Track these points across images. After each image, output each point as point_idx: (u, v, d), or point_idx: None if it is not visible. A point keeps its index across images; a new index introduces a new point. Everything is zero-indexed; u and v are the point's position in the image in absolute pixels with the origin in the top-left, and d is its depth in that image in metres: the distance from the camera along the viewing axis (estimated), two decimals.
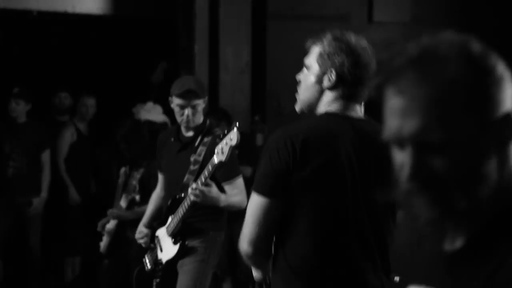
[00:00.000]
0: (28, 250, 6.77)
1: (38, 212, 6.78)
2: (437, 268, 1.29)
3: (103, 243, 5.57)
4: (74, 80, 7.63)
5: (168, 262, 4.25)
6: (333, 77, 2.65)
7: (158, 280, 4.32)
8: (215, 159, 3.80)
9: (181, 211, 4.11)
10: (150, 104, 7.35)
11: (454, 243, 1.26)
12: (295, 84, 2.86)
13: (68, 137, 7.13)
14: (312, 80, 2.69)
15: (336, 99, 2.68)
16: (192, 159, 4.16)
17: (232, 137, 3.69)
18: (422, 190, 1.19)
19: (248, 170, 6.43)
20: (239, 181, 4.16)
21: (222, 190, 4.10)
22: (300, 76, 2.77)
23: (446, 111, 1.17)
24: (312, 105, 2.73)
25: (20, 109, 6.73)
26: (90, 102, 7.27)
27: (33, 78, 7.55)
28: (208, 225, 4.24)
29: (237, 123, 3.75)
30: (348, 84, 2.65)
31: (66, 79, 7.65)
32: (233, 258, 6.78)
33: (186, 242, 4.20)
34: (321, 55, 2.66)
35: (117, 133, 5.73)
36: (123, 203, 5.41)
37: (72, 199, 7.01)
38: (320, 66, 2.68)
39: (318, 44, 2.68)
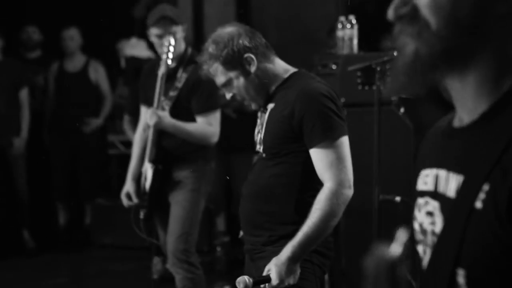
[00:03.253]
0: (15, 192, 6.68)
1: (21, 153, 6.64)
2: (447, 147, 1.25)
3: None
4: (52, 16, 7.46)
5: (150, 189, 4.19)
6: (250, 59, 2.76)
7: (145, 210, 4.22)
8: (161, 70, 4.00)
9: (152, 135, 4.12)
10: (134, 40, 7.25)
11: (463, 120, 1.22)
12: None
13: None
14: (242, 81, 2.78)
15: (277, 63, 2.84)
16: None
17: (171, 41, 3.98)
18: (407, 25, 1.17)
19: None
20: (212, 116, 4.14)
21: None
22: (230, 93, 2.83)
23: None
24: (264, 88, 2.81)
25: None
26: (69, 34, 7.01)
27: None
28: (195, 155, 4.22)
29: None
30: (263, 46, 2.81)
31: (42, 16, 7.47)
32: (227, 194, 6.80)
33: (160, 167, 4.16)
34: (225, 64, 2.76)
35: None
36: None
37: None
38: (234, 68, 2.77)
39: (213, 61, 2.77)
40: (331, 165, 2.63)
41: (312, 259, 2.73)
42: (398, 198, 3.67)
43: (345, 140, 2.68)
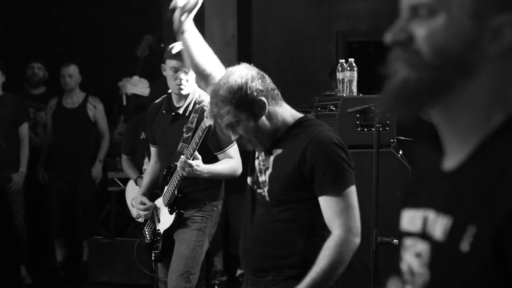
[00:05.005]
0: (13, 228, 6.66)
1: (19, 188, 6.63)
2: (437, 189, 1.26)
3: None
4: (56, 54, 7.53)
5: (165, 232, 4.26)
6: (262, 103, 2.72)
7: (157, 251, 4.30)
8: (205, 123, 3.84)
9: (175, 180, 4.12)
10: (136, 78, 7.31)
11: (453, 162, 1.23)
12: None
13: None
14: (252, 123, 2.73)
15: (284, 107, 2.82)
16: (185, 127, 4.15)
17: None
18: (401, 51, 1.21)
19: None
20: (232, 150, 4.17)
21: (215, 159, 4.14)
22: (236, 135, 2.78)
23: None
24: (273, 131, 2.78)
25: None
26: (68, 71, 6.99)
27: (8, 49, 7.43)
28: (204, 195, 4.25)
29: None
30: (273, 89, 2.78)
31: (47, 53, 7.55)
32: (225, 233, 6.80)
33: (182, 211, 4.21)
34: (237, 106, 2.69)
35: None
36: None
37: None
38: (245, 111, 2.71)
39: (225, 103, 2.70)
40: (340, 213, 2.63)
41: None
42: (396, 241, 3.67)
43: (354, 189, 2.69)
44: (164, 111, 4.32)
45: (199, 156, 3.96)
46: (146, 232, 4.42)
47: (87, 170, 6.98)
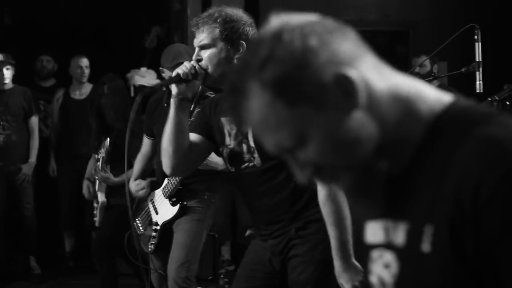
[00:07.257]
0: (23, 219, 6.73)
1: (29, 179, 6.70)
2: (389, 196, 1.26)
3: (98, 218, 5.56)
4: (64, 46, 7.57)
5: (164, 223, 4.28)
6: (241, 47, 2.81)
7: (153, 243, 4.34)
8: None
9: None
10: (143, 70, 7.33)
11: (397, 167, 1.24)
12: None
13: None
14: (223, 55, 2.81)
15: None
16: (189, 121, 4.15)
17: None
18: (317, 178, 1.23)
19: None
20: None
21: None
22: (199, 57, 2.84)
23: (273, 124, 1.18)
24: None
25: (9, 74, 6.62)
26: (85, 62, 7.01)
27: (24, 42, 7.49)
28: (203, 186, 4.29)
29: None
30: None
31: (55, 45, 7.59)
32: (233, 222, 6.83)
33: (186, 203, 4.24)
34: (222, 32, 2.80)
35: (98, 100, 5.60)
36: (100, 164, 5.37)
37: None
38: (224, 41, 2.80)
39: (215, 23, 2.80)
40: None
41: None
42: None
43: None
44: (166, 105, 4.31)
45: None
46: (138, 223, 4.46)
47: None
